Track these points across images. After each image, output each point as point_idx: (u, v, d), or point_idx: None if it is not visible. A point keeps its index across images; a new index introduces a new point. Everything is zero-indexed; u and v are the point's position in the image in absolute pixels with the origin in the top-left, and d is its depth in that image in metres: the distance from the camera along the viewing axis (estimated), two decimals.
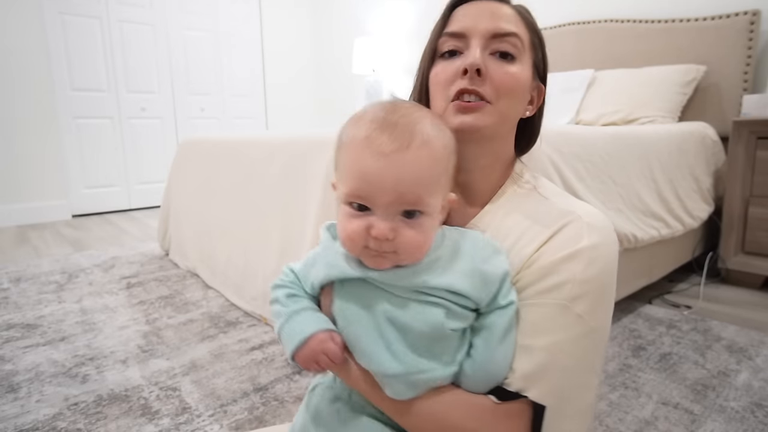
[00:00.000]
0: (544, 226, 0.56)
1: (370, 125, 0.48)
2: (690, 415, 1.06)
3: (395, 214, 0.47)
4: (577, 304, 0.51)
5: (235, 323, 1.58)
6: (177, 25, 3.94)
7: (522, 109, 0.61)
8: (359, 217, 0.47)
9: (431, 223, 0.49)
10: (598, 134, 1.56)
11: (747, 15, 2.08)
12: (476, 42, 0.57)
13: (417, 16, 3.70)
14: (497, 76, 0.56)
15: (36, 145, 3.35)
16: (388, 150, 0.46)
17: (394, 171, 0.45)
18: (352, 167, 0.47)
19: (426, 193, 0.47)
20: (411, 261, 0.49)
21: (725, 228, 1.94)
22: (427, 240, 0.49)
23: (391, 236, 0.46)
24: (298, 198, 1.41)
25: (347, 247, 0.49)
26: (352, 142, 0.48)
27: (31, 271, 2.21)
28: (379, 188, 0.46)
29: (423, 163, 0.47)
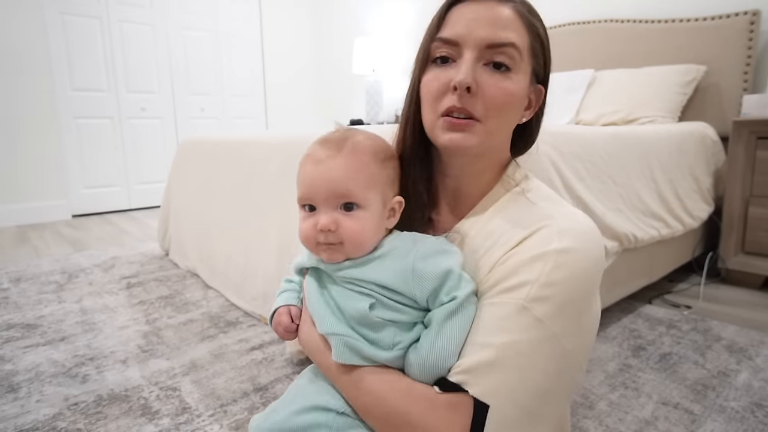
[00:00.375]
0: (519, 229, 0.55)
1: (313, 146, 0.59)
2: (690, 415, 1.06)
3: (335, 208, 0.56)
4: (537, 306, 0.50)
5: (235, 323, 1.58)
6: (177, 25, 3.94)
7: (516, 119, 0.59)
8: (309, 217, 0.57)
9: (370, 216, 0.56)
10: (598, 134, 1.55)
11: (747, 15, 2.08)
12: (469, 54, 0.54)
13: (417, 16, 3.70)
14: (489, 92, 0.54)
15: (36, 145, 3.35)
16: (323, 157, 0.56)
17: (327, 172, 0.55)
18: (299, 177, 0.58)
19: (356, 188, 0.55)
20: (357, 252, 0.56)
21: (725, 228, 1.94)
22: (365, 229, 0.56)
23: (333, 227, 0.54)
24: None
25: (305, 245, 0.59)
26: (303, 159, 0.59)
27: (31, 271, 2.21)
28: (316, 187, 0.55)
29: (351, 164, 0.55)
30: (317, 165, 0.56)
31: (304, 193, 0.57)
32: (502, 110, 0.55)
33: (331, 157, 0.55)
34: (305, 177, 0.57)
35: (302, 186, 0.57)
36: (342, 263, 0.57)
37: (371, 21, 4.07)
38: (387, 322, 0.54)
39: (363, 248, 0.56)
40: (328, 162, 0.55)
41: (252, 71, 4.44)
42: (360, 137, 0.58)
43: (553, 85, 0.62)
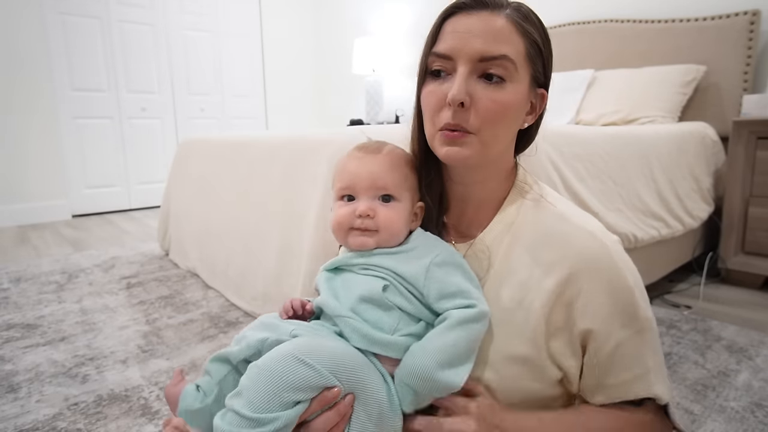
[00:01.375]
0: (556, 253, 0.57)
1: (352, 151, 0.66)
2: (690, 415, 1.06)
3: (374, 198, 0.61)
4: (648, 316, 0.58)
5: (235, 323, 1.58)
6: (177, 25, 3.94)
7: (515, 127, 0.60)
8: (347, 206, 0.62)
9: (403, 209, 0.62)
10: (598, 134, 1.56)
11: (747, 15, 2.08)
12: (462, 68, 0.55)
13: (417, 16, 3.70)
14: (482, 105, 0.54)
15: (36, 145, 3.35)
16: (364, 155, 0.64)
17: (368, 166, 0.62)
18: (340, 171, 0.64)
19: (393, 183, 0.62)
20: (390, 240, 0.61)
21: (725, 228, 1.94)
22: (399, 219, 0.62)
23: (372, 213, 0.60)
24: (298, 198, 1.41)
25: (336, 231, 0.63)
26: (341, 160, 0.66)
27: (31, 271, 2.21)
28: (359, 177, 0.62)
29: (390, 163, 0.63)
30: (360, 160, 0.63)
31: (345, 183, 0.62)
32: (495, 122, 0.56)
33: (373, 155, 0.63)
34: (347, 170, 0.63)
35: (343, 178, 0.63)
36: (370, 251, 0.61)
37: (371, 21, 4.07)
38: (394, 306, 0.57)
39: (396, 237, 0.62)
40: (371, 158, 0.63)
41: (252, 71, 4.44)
42: (392, 146, 0.66)
43: (552, 85, 0.63)
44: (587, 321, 0.55)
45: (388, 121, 3.55)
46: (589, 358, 0.57)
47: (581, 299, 0.55)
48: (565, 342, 0.57)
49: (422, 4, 3.65)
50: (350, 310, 0.58)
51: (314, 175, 1.35)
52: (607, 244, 0.57)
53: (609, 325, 0.55)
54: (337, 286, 0.61)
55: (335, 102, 4.62)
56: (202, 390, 0.59)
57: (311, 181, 1.35)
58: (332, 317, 0.58)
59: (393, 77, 3.93)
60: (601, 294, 0.55)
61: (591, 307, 0.55)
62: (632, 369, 0.56)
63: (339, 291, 0.61)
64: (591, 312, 0.55)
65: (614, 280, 0.56)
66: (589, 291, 0.55)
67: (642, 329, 0.56)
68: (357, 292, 0.58)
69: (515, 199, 0.63)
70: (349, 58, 4.21)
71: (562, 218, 0.59)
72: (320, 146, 1.38)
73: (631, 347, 0.56)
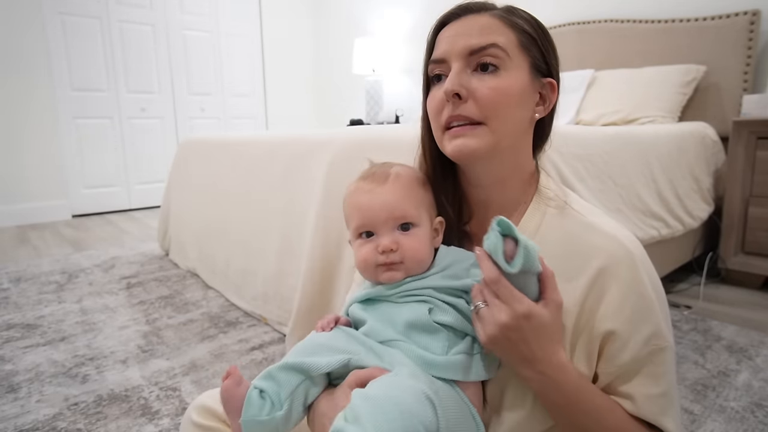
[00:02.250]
0: (582, 259, 0.56)
1: (358, 182, 0.63)
2: (690, 415, 1.06)
3: (393, 229, 0.59)
4: (671, 335, 0.57)
5: (235, 323, 1.58)
6: (177, 25, 3.94)
7: (526, 114, 0.58)
8: (368, 243, 0.60)
9: (424, 233, 0.60)
10: (598, 134, 1.55)
11: (747, 15, 2.08)
12: (455, 64, 0.56)
13: (417, 16, 3.70)
14: (480, 93, 0.55)
15: (36, 145, 3.35)
16: (372, 187, 0.60)
17: (382, 196, 0.59)
18: (353, 208, 0.61)
19: (409, 207, 0.59)
20: (417, 268, 0.59)
21: (725, 228, 1.94)
22: (423, 245, 0.59)
23: (395, 246, 0.57)
24: (298, 198, 1.41)
25: (363, 271, 0.61)
26: (350, 195, 0.63)
27: (31, 271, 2.21)
28: (374, 212, 0.59)
29: (401, 189, 0.60)
30: (371, 194, 0.60)
31: (361, 221, 0.60)
32: (498, 108, 0.55)
33: (381, 185, 0.60)
34: (360, 207, 0.60)
35: (358, 215, 0.60)
36: (402, 281, 0.59)
37: (371, 21, 4.07)
38: (441, 327, 0.55)
39: (423, 264, 0.59)
40: (380, 189, 0.60)
41: (252, 71, 4.44)
42: (398, 168, 0.63)
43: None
44: (609, 323, 0.54)
45: (388, 121, 3.55)
46: (604, 362, 0.55)
47: (605, 301, 0.54)
48: (583, 345, 0.56)
49: (422, 4, 3.65)
50: (400, 335, 0.56)
51: (314, 174, 1.35)
52: (634, 253, 0.56)
53: (630, 329, 0.54)
54: (378, 315, 0.59)
55: (335, 102, 4.62)
56: (268, 398, 0.54)
57: (311, 181, 1.35)
58: (382, 343, 0.56)
59: (393, 77, 3.93)
60: (624, 298, 0.54)
61: (613, 308, 0.54)
62: (646, 385, 0.55)
63: (383, 318, 0.58)
64: (613, 313, 0.54)
65: (638, 290, 0.54)
66: (613, 293, 0.54)
67: (662, 348, 0.55)
68: (402, 318, 0.56)
69: (539, 206, 0.61)
70: (349, 58, 4.21)
71: (590, 227, 0.58)
72: (320, 146, 1.38)
73: (648, 361, 0.55)
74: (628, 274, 0.54)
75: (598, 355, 0.55)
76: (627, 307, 0.54)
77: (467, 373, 0.54)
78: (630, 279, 0.54)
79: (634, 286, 0.54)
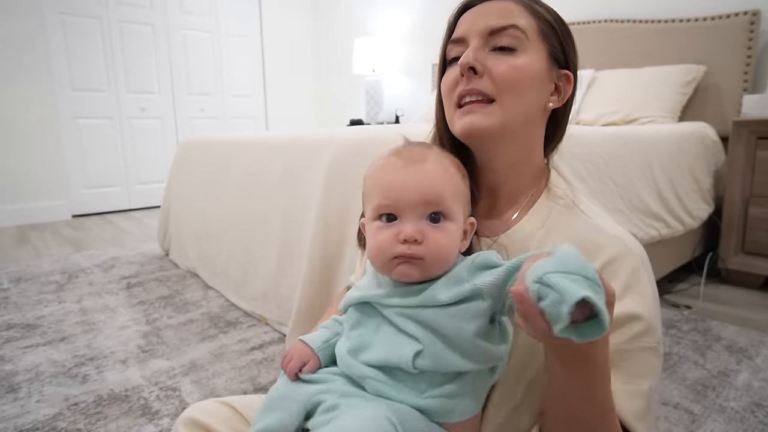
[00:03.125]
0: (590, 253, 0.54)
1: (389, 157, 0.54)
2: (690, 415, 1.06)
3: (421, 217, 0.50)
4: (661, 342, 0.55)
5: (235, 323, 1.58)
6: (177, 25, 3.94)
7: (539, 100, 0.57)
8: (388, 228, 0.50)
9: (455, 230, 0.51)
10: (598, 134, 1.56)
11: (747, 15, 2.08)
12: (473, 42, 0.56)
13: (417, 16, 3.70)
14: (496, 69, 0.55)
15: (36, 145, 3.35)
16: (407, 164, 0.51)
17: (415, 177, 0.50)
18: (377, 184, 0.53)
19: (446, 195, 0.50)
20: (437, 270, 0.50)
21: (725, 228, 1.94)
22: (452, 244, 0.50)
23: (420, 237, 0.48)
24: (298, 198, 1.41)
25: (376, 259, 0.52)
26: (376, 170, 0.54)
27: (31, 271, 2.21)
28: (403, 193, 0.50)
29: (439, 172, 0.51)
30: (404, 170, 0.51)
31: (385, 199, 0.51)
32: (513, 85, 0.55)
33: (420, 162, 0.51)
34: (386, 183, 0.51)
35: (382, 193, 0.51)
36: (410, 285, 0.51)
37: (371, 21, 4.07)
38: (425, 371, 0.49)
39: (444, 266, 0.50)
40: (417, 167, 0.51)
41: (252, 71, 4.44)
42: (438, 150, 0.55)
43: None
44: (616, 307, 0.52)
45: (388, 121, 3.55)
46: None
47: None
48: None
49: (422, 4, 3.65)
50: (373, 368, 0.50)
51: (314, 174, 1.35)
52: (638, 255, 0.56)
53: (624, 320, 0.53)
54: (363, 334, 0.53)
55: (335, 102, 4.62)
56: None
57: (311, 181, 1.35)
58: (354, 377, 0.52)
59: (393, 77, 3.93)
60: (623, 292, 0.53)
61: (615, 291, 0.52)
62: (624, 381, 0.52)
63: (364, 341, 0.52)
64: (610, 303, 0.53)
65: (637, 287, 0.54)
66: (616, 284, 0.54)
67: (650, 348, 0.53)
68: (383, 352, 0.50)
69: (546, 203, 0.61)
70: (349, 58, 4.21)
71: (596, 228, 0.57)
72: (320, 146, 1.38)
73: (631, 357, 0.53)
74: (630, 271, 0.54)
75: None
76: (626, 299, 0.53)
77: (448, 415, 0.50)
78: (631, 275, 0.54)
79: (634, 282, 0.54)
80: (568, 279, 0.35)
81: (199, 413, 0.59)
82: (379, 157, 0.55)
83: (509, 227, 0.60)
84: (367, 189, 0.55)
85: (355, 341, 0.53)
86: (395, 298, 0.51)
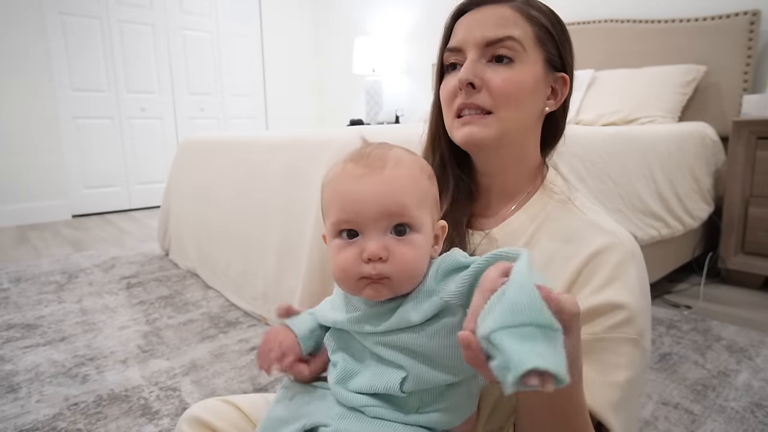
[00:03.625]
0: (583, 244, 0.55)
1: (344, 163, 0.49)
2: (690, 415, 1.06)
3: (385, 231, 0.46)
4: (643, 336, 0.54)
5: (235, 323, 1.58)
6: (177, 25, 3.94)
7: (536, 107, 0.59)
8: (350, 245, 0.46)
9: (423, 240, 0.47)
10: (598, 134, 1.56)
11: (747, 15, 2.08)
12: (471, 54, 0.57)
13: (417, 16, 3.70)
14: (494, 83, 0.56)
15: (36, 145, 3.35)
16: (365, 172, 0.46)
17: (374, 186, 0.45)
18: (334, 198, 0.48)
19: (411, 204, 0.46)
20: (407, 286, 0.47)
21: (725, 228, 1.94)
22: (420, 257, 0.46)
23: (384, 255, 0.44)
24: (298, 198, 1.41)
25: (341, 282, 0.48)
26: (332, 180, 0.49)
27: (31, 271, 2.21)
28: (362, 206, 0.45)
29: (401, 178, 0.47)
30: (359, 180, 0.46)
31: (344, 214, 0.46)
32: (511, 98, 0.56)
33: (378, 170, 0.46)
34: (344, 196, 0.46)
35: (340, 207, 0.47)
36: (383, 305, 0.48)
37: (371, 21, 4.07)
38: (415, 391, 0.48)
39: (415, 280, 0.47)
40: (375, 175, 0.46)
41: (252, 71, 4.44)
42: (399, 151, 0.50)
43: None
44: (588, 300, 0.53)
45: (387, 121, 3.55)
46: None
47: (591, 284, 0.54)
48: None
49: (422, 4, 3.65)
50: (365, 395, 0.49)
51: (314, 175, 1.35)
52: (629, 248, 0.56)
53: (603, 308, 0.52)
54: (346, 359, 0.51)
55: (335, 102, 4.62)
56: None
57: (311, 182, 1.35)
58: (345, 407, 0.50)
59: (393, 77, 3.92)
60: (607, 281, 0.53)
61: (594, 287, 0.53)
62: (598, 371, 0.51)
63: (349, 369, 0.50)
64: (592, 292, 0.53)
65: (623, 278, 0.54)
66: (598, 276, 0.54)
67: (630, 339, 0.52)
68: (369, 381, 0.48)
69: (541, 199, 0.62)
70: (349, 58, 4.21)
71: (591, 224, 0.58)
72: (320, 146, 1.38)
73: (608, 348, 0.52)
74: (617, 263, 0.54)
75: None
76: (609, 289, 0.53)
77: (449, 422, 0.48)
78: (617, 267, 0.54)
79: (620, 273, 0.54)
80: (517, 338, 0.32)
81: (202, 411, 0.59)
82: (336, 163, 0.50)
83: (501, 221, 0.62)
84: (325, 200, 0.50)
85: (341, 369, 0.50)
86: (368, 325, 0.48)
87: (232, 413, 0.60)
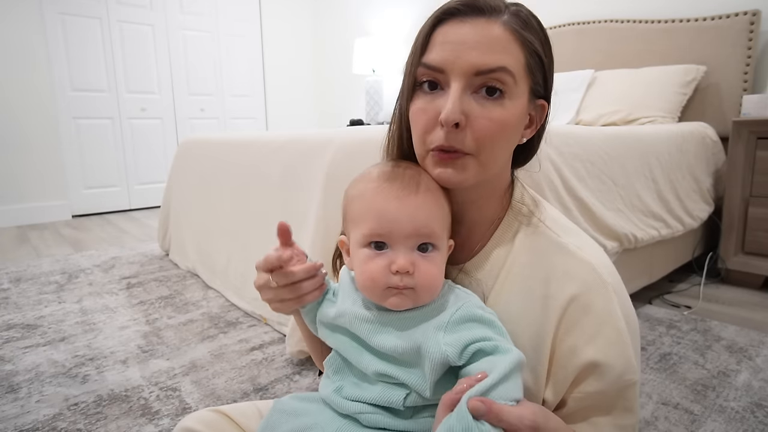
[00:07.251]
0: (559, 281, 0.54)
1: (378, 179, 0.54)
2: (690, 415, 1.06)
3: (412, 248, 0.51)
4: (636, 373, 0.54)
5: (235, 323, 1.58)
6: (177, 25, 3.94)
7: (513, 143, 0.55)
8: (378, 256, 0.51)
9: (442, 258, 0.53)
10: (598, 134, 1.56)
11: (747, 15, 2.08)
12: (456, 83, 0.50)
13: (417, 16, 3.70)
14: (479, 124, 0.50)
15: (36, 145, 3.35)
16: (401, 194, 0.51)
17: (409, 209, 0.51)
18: (369, 211, 0.52)
19: (438, 228, 0.52)
20: (427, 298, 0.52)
21: (725, 228, 1.94)
22: (440, 274, 0.52)
23: (411, 269, 0.50)
24: (299, 198, 1.41)
25: (368, 289, 0.52)
26: (365, 193, 0.54)
27: (31, 271, 2.21)
28: (397, 224, 0.50)
29: (430, 204, 0.52)
30: (395, 201, 0.51)
31: (377, 228, 0.51)
32: (494, 141, 0.51)
33: (410, 195, 0.51)
34: (380, 211, 0.51)
35: (374, 220, 0.51)
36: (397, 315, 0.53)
37: (371, 21, 4.07)
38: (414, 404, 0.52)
39: (433, 295, 0.52)
40: (408, 200, 0.51)
41: (252, 71, 4.44)
42: (426, 177, 0.54)
43: (552, 86, 0.60)
44: (585, 354, 0.52)
45: (388, 121, 3.54)
46: (576, 390, 0.53)
47: (576, 332, 0.52)
48: (554, 373, 0.54)
49: (422, 4, 3.65)
50: (364, 404, 0.52)
51: (314, 175, 1.35)
52: (608, 281, 0.53)
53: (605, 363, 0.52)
54: (347, 378, 0.55)
55: (335, 102, 4.62)
56: None
57: (311, 182, 1.35)
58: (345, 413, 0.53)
59: (393, 77, 3.93)
60: (597, 332, 0.52)
61: (586, 339, 0.52)
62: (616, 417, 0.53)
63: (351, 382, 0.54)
64: (586, 344, 0.52)
65: (611, 323, 0.52)
66: (585, 325, 0.52)
67: (633, 383, 0.53)
68: (372, 396, 0.52)
69: (511, 224, 0.58)
70: (349, 58, 4.21)
71: (563, 249, 0.55)
72: (320, 147, 1.38)
73: (620, 396, 0.53)
74: (602, 306, 0.52)
75: (571, 383, 0.53)
76: (600, 340, 0.52)
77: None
78: (603, 311, 0.52)
79: (608, 318, 0.52)
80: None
81: (195, 423, 0.59)
82: (365, 176, 0.55)
83: (475, 254, 0.60)
84: (356, 212, 0.53)
85: (341, 385, 0.55)
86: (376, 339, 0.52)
87: (224, 423, 0.60)
